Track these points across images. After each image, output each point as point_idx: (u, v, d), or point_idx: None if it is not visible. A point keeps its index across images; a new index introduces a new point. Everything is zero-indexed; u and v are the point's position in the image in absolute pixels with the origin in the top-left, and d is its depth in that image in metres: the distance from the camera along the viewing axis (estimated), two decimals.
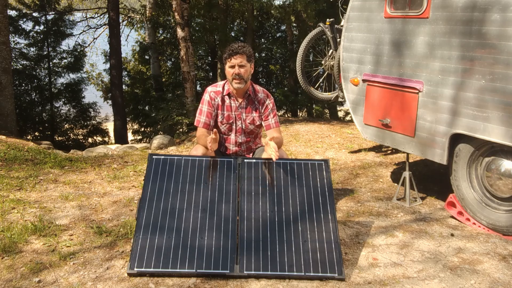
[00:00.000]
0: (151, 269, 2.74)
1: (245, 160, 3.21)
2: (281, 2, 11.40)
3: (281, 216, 2.97)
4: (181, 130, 9.68)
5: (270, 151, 3.14)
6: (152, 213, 2.96)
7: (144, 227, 2.89)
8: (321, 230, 2.94)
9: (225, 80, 3.57)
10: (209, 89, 3.58)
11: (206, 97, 3.53)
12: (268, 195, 3.07)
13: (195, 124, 3.56)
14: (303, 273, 2.75)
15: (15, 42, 13.23)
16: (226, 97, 3.53)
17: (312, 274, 2.75)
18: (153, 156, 3.22)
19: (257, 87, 3.62)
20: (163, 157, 3.22)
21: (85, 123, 14.60)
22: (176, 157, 3.21)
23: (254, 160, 3.22)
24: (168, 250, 2.80)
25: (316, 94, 6.10)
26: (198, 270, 2.74)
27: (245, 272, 2.74)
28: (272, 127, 3.56)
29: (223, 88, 3.54)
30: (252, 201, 3.03)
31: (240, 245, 2.85)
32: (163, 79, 14.64)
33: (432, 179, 4.69)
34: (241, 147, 3.61)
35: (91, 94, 15.87)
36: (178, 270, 2.74)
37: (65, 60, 14.30)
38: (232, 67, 3.40)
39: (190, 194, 3.05)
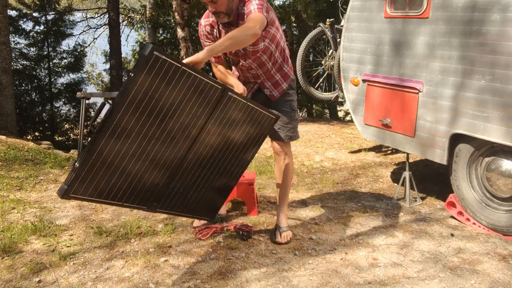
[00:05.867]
0: (85, 197, 2.46)
1: (229, 93, 2.68)
2: (281, 2, 11.41)
3: (214, 164, 2.92)
4: None
5: None
6: (116, 134, 2.39)
7: (98, 153, 2.37)
8: (229, 175, 3.04)
9: None
10: (203, 22, 3.02)
11: (201, 31, 3.04)
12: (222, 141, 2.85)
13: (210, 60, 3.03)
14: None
15: (15, 42, 13.22)
16: (222, 25, 2.97)
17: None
18: (154, 52, 2.27)
19: None
20: (164, 57, 2.32)
21: (85, 123, 14.61)
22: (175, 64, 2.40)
23: (238, 98, 2.74)
24: (111, 184, 2.51)
25: (316, 94, 6.10)
26: (124, 203, 2.63)
27: (157, 210, 2.83)
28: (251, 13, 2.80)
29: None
30: (207, 144, 2.78)
31: (165, 187, 2.77)
32: None
33: (432, 179, 4.69)
34: (258, 71, 3.12)
35: None
36: (108, 201, 2.58)
37: (65, 60, 14.29)
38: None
39: (162, 120, 2.51)
